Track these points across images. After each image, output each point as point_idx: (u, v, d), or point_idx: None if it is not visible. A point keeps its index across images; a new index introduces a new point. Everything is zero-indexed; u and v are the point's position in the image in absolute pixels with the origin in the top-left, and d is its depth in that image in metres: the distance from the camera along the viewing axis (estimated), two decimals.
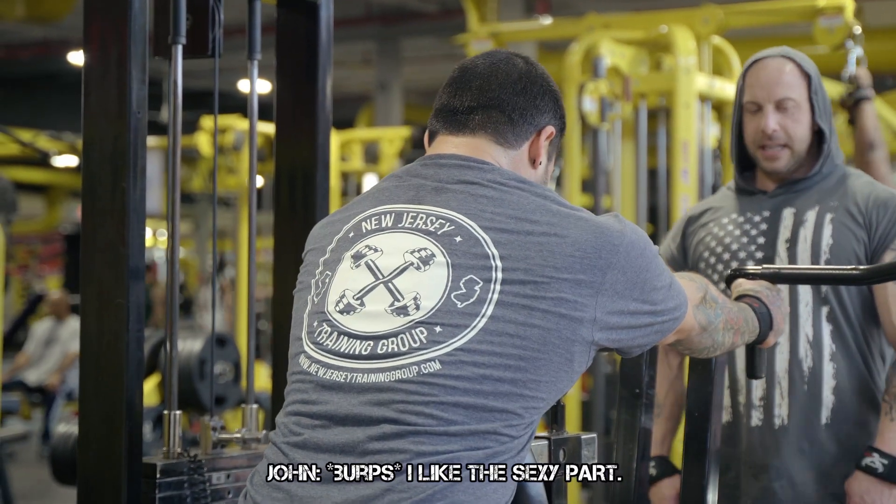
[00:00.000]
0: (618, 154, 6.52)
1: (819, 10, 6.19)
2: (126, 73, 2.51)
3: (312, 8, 2.90)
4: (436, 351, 1.90)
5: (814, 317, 2.94)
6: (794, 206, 3.00)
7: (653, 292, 2.00)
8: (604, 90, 6.11)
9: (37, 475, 9.06)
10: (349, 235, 2.03)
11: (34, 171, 16.72)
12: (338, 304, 1.98)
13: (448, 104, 2.10)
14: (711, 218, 3.10)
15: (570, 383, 1.98)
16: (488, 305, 1.91)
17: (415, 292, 1.93)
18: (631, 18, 7.22)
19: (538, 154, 2.10)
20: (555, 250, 1.93)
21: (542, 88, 2.10)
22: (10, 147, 11.24)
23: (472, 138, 2.07)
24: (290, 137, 2.96)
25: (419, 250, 1.96)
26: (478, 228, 1.96)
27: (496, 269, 1.92)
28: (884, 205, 2.93)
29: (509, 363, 1.90)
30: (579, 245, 1.94)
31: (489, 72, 2.09)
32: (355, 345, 1.94)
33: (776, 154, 2.98)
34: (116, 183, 2.52)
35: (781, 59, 3.00)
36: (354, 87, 17.39)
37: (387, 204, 2.04)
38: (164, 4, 2.70)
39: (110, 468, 2.52)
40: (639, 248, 1.98)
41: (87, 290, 2.55)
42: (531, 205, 1.97)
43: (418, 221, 1.99)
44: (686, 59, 6.12)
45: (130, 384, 2.52)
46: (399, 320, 1.93)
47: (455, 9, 12.55)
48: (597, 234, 1.95)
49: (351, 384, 1.92)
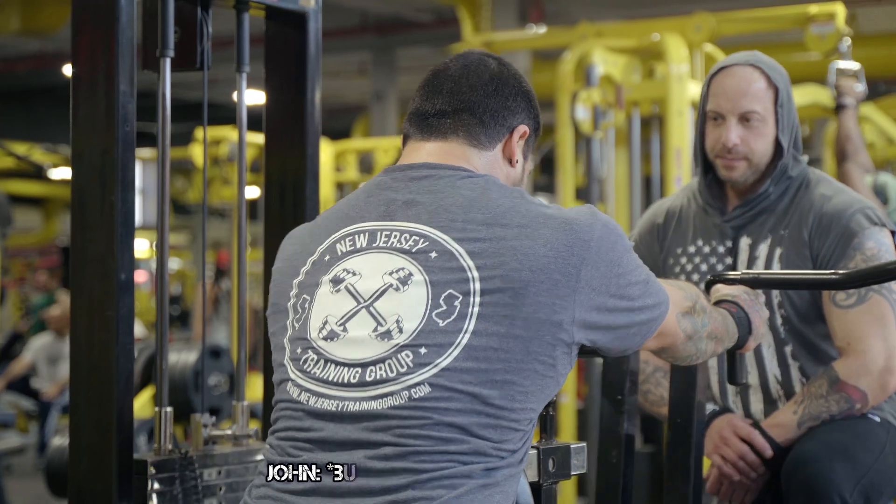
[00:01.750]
0: (611, 162, 6.52)
1: (811, 18, 6.20)
2: (114, 87, 2.52)
3: (301, 20, 2.91)
4: (423, 374, 1.90)
5: (778, 357, 2.93)
6: (749, 234, 2.97)
7: (629, 287, 1.99)
8: (597, 98, 6.12)
9: (33, 488, 9.05)
10: (325, 259, 2.02)
11: (30, 183, 16.71)
12: (321, 331, 1.97)
13: (420, 108, 2.11)
14: (678, 240, 3.06)
15: (557, 387, 1.98)
16: (469, 320, 1.91)
17: (396, 315, 1.93)
18: (623, 27, 7.24)
19: (513, 154, 2.11)
20: (528, 253, 1.92)
21: (514, 89, 2.11)
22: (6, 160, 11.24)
23: (444, 143, 2.08)
24: (279, 149, 2.97)
25: (397, 270, 1.95)
26: (451, 241, 1.95)
27: (473, 281, 1.92)
28: (826, 230, 2.89)
29: (496, 378, 1.90)
30: (551, 245, 1.93)
31: (460, 74, 2.09)
32: (343, 372, 1.94)
33: (734, 164, 2.94)
34: (105, 196, 2.53)
35: (749, 69, 2.94)
36: (350, 97, 17.41)
37: (358, 222, 2.03)
38: (152, 17, 2.71)
39: (101, 479, 2.53)
40: (610, 241, 1.97)
41: (77, 303, 2.56)
42: (501, 208, 1.97)
43: (393, 240, 1.98)
44: (678, 66, 6.13)
45: (121, 395, 2.53)
46: (384, 345, 1.92)
47: (450, 18, 12.58)
48: (567, 231, 1.95)
49: (343, 413, 1.92)
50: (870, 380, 2.83)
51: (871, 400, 2.84)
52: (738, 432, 2.87)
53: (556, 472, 2.26)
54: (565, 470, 2.28)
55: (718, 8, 7.72)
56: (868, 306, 2.84)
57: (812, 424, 2.84)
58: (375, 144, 9.96)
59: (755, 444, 2.85)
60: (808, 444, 2.78)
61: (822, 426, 2.83)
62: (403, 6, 13.27)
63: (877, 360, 2.83)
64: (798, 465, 2.73)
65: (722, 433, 2.89)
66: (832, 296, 2.87)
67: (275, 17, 2.95)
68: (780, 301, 2.91)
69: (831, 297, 2.87)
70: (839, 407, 2.83)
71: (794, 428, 2.85)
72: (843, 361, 2.86)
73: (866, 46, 10.43)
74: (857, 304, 2.85)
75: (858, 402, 2.83)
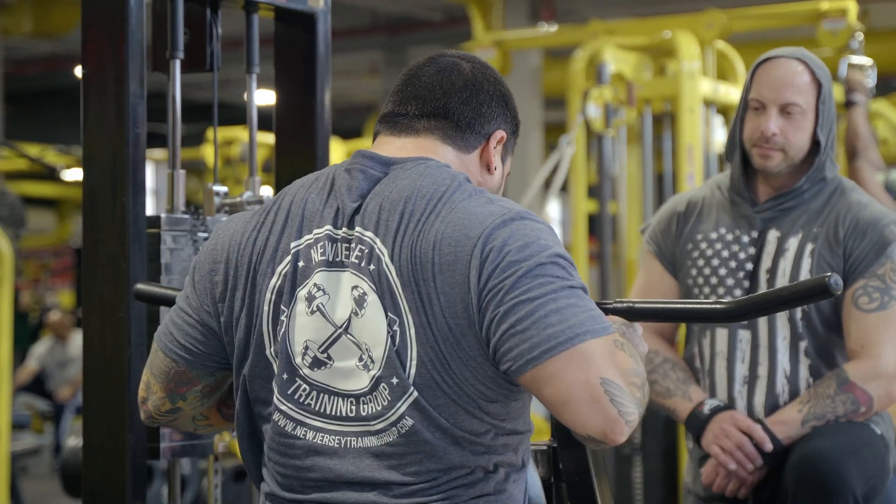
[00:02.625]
0: (623, 160, 6.51)
1: (822, 14, 6.18)
2: (124, 89, 2.53)
3: (310, 20, 2.92)
4: (401, 406, 1.86)
5: (791, 351, 2.92)
6: (779, 228, 2.96)
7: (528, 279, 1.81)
8: (608, 96, 6.11)
9: (49, 488, 9.08)
10: (299, 265, 1.92)
11: (44, 185, 16.75)
12: (304, 357, 1.91)
13: (393, 111, 2.03)
14: (700, 227, 3.05)
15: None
16: (410, 344, 1.85)
17: (365, 343, 1.88)
18: (634, 24, 7.24)
19: (490, 160, 2.04)
20: (422, 253, 1.85)
21: (489, 94, 2.03)
22: (19, 162, 11.26)
23: (416, 138, 2.00)
24: (289, 149, 2.97)
25: (354, 288, 1.88)
26: (383, 249, 1.87)
27: (400, 298, 1.85)
28: (862, 233, 2.90)
29: (457, 391, 1.85)
30: (438, 244, 1.85)
31: (434, 80, 2.01)
32: (338, 404, 1.90)
33: (770, 153, 2.93)
34: (116, 198, 2.54)
35: (795, 62, 2.94)
36: (361, 96, 17.41)
37: (318, 226, 1.93)
38: (161, 20, 2.72)
39: (115, 479, 2.54)
40: (509, 245, 1.83)
41: (89, 305, 2.57)
42: (424, 199, 1.88)
43: (351, 254, 1.90)
44: (690, 63, 6.11)
45: (133, 397, 2.53)
46: (367, 376, 1.88)
47: (461, 17, 12.57)
48: (455, 227, 1.85)
49: (347, 449, 1.90)
50: (878, 385, 2.85)
51: (875, 405, 2.86)
52: (739, 425, 2.87)
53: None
54: None
55: (730, 4, 7.70)
56: (889, 313, 2.86)
57: (816, 424, 2.84)
58: None
59: (754, 436, 2.85)
60: (818, 442, 2.78)
61: (829, 427, 2.84)
62: (414, 5, 13.27)
63: (887, 366, 2.85)
64: (810, 462, 2.73)
65: (722, 425, 2.89)
66: (854, 298, 2.88)
67: (284, 17, 2.95)
68: None
69: (853, 300, 2.88)
70: (845, 408, 2.84)
71: (798, 426, 2.85)
72: (854, 363, 2.87)
73: (878, 42, 10.40)
74: (879, 309, 2.86)
75: (864, 406, 2.84)
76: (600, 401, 1.78)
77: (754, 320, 2.91)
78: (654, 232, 3.12)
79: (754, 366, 2.93)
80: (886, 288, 2.87)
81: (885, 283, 2.87)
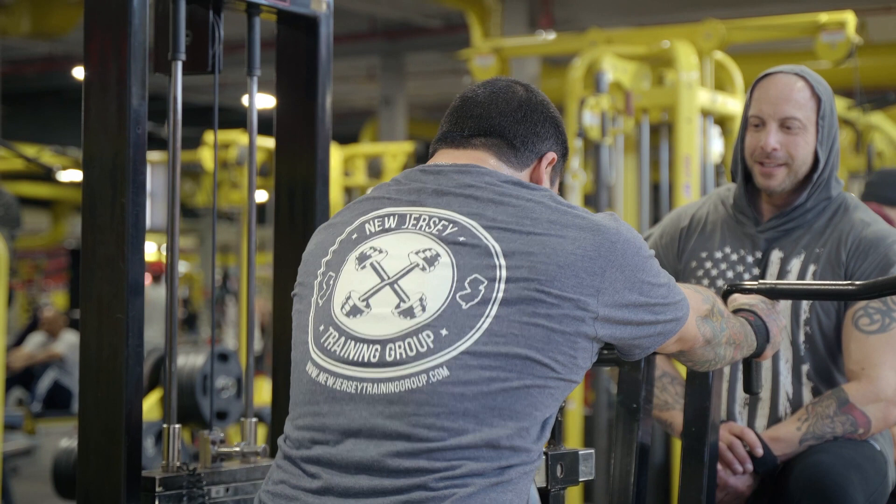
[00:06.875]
0: (620, 169, 6.52)
1: (821, 26, 6.20)
2: (126, 90, 2.52)
3: (312, 24, 2.92)
4: (443, 356, 1.91)
5: (794, 374, 2.92)
6: (782, 248, 2.95)
7: (652, 288, 2.03)
8: (605, 105, 6.12)
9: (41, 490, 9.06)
10: (352, 237, 2.05)
11: (39, 185, 16.75)
12: (343, 307, 1.99)
13: (449, 131, 2.14)
14: (704, 245, 3.04)
15: (574, 383, 1.99)
16: (493, 305, 1.93)
17: (420, 293, 1.95)
18: (633, 34, 7.24)
19: (540, 180, 2.14)
20: (556, 248, 1.95)
21: (543, 116, 2.14)
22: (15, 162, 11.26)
23: (473, 151, 2.10)
24: (289, 153, 2.97)
25: (424, 251, 1.98)
26: (480, 228, 1.98)
27: (500, 268, 1.95)
28: (864, 253, 2.89)
29: (515, 363, 1.91)
30: (579, 243, 1.96)
31: (489, 101, 2.12)
32: (363, 350, 1.95)
33: (773, 171, 2.91)
34: (116, 198, 2.53)
35: (794, 77, 2.92)
36: (359, 102, 17.42)
37: (388, 207, 2.06)
38: (163, 21, 2.71)
39: (110, 482, 2.53)
40: (635, 246, 2.01)
41: (87, 305, 2.56)
42: (531, 203, 2.00)
43: (422, 223, 2.01)
44: (688, 74, 6.13)
45: (130, 398, 2.53)
46: (406, 322, 1.94)
47: (459, 24, 12.58)
48: (595, 231, 1.98)
49: (362, 395, 1.94)
50: (876, 408, 2.84)
51: (873, 428, 2.85)
52: (733, 430, 2.87)
53: (565, 477, 2.26)
54: (573, 476, 2.28)
55: (729, 15, 7.72)
56: (889, 335, 2.85)
57: (813, 443, 2.84)
58: (384, 149, 9.97)
59: (746, 439, 2.85)
60: (821, 456, 2.78)
61: (830, 442, 2.84)
62: (412, 11, 13.28)
63: (887, 389, 2.84)
64: (813, 475, 2.72)
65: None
66: (854, 319, 2.87)
67: (286, 21, 2.95)
68: (806, 318, 2.90)
69: (853, 320, 2.87)
70: (844, 429, 2.83)
71: (795, 444, 2.85)
72: (854, 385, 2.86)
73: (876, 55, 10.42)
74: (879, 331, 2.85)
75: (862, 427, 2.84)
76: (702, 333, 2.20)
77: None
78: (656, 245, 3.12)
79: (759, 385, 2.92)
80: (888, 310, 2.85)
81: (886, 304, 2.85)
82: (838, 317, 2.89)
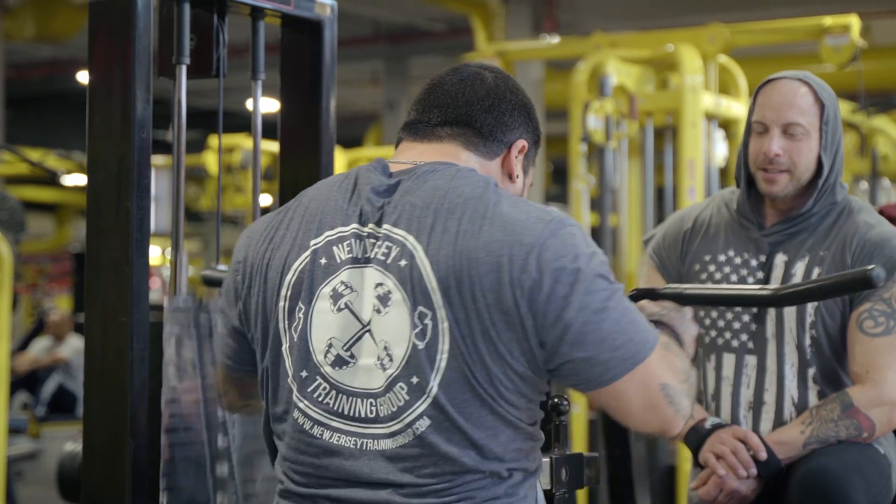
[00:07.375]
0: (624, 172, 6.52)
1: (825, 29, 6.20)
2: (130, 93, 2.53)
3: (316, 28, 2.92)
4: (420, 406, 1.88)
5: (799, 378, 2.90)
6: (786, 251, 2.93)
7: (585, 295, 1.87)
8: (610, 109, 6.12)
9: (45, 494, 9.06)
10: (321, 262, 1.95)
11: (43, 189, 16.76)
12: (327, 355, 1.93)
13: (416, 119, 2.06)
14: (708, 247, 3.02)
15: (541, 385, 1.94)
16: (443, 337, 1.87)
17: (384, 341, 1.90)
18: (637, 37, 7.24)
19: (511, 169, 2.07)
20: (471, 256, 1.87)
21: (512, 103, 2.06)
22: (20, 166, 11.27)
23: (440, 144, 2.03)
24: (294, 156, 2.97)
25: (378, 286, 1.90)
26: (417, 245, 1.89)
27: (434, 292, 1.87)
28: (868, 256, 2.86)
29: (485, 387, 1.87)
30: (489, 247, 1.87)
31: (457, 89, 2.05)
32: (357, 405, 1.92)
33: (775, 178, 2.90)
34: (120, 202, 2.53)
35: (797, 83, 2.90)
36: (363, 105, 17.43)
37: (343, 224, 1.95)
38: (168, 25, 2.72)
39: (114, 486, 2.53)
40: (561, 249, 1.88)
41: (92, 309, 2.57)
42: (461, 198, 1.91)
43: (377, 250, 1.92)
44: (692, 77, 6.12)
45: (134, 402, 2.53)
46: (384, 375, 1.90)
47: (463, 28, 12.58)
48: (507, 232, 1.88)
49: (363, 451, 1.91)
50: (881, 411, 2.83)
51: (877, 431, 2.84)
52: (736, 433, 2.86)
53: (570, 481, 2.26)
54: (578, 479, 2.28)
55: (733, 19, 7.71)
56: (894, 339, 2.83)
57: (817, 447, 2.83)
58: (388, 153, 9.96)
59: (750, 443, 2.84)
60: (823, 459, 2.77)
61: (833, 446, 2.83)
62: (416, 15, 13.29)
63: (891, 393, 2.83)
64: (815, 478, 2.72)
65: (720, 433, 2.88)
66: (859, 322, 2.85)
67: (290, 24, 2.95)
68: (812, 321, 2.88)
69: (858, 323, 2.86)
70: (848, 433, 2.83)
71: (799, 447, 2.84)
72: (858, 388, 2.85)
73: (881, 58, 10.42)
74: (884, 334, 2.84)
75: (866, 432, 2.83)
76: (659, 405, 1.93)
77: (763, 346, 2.90)
78: (659, 246, 3.11)
79: (760, 391, 2.91)
80: (892, 312, 2.84)
81: (891, 307, 2.84)
82: (843, 319, 2.88)
